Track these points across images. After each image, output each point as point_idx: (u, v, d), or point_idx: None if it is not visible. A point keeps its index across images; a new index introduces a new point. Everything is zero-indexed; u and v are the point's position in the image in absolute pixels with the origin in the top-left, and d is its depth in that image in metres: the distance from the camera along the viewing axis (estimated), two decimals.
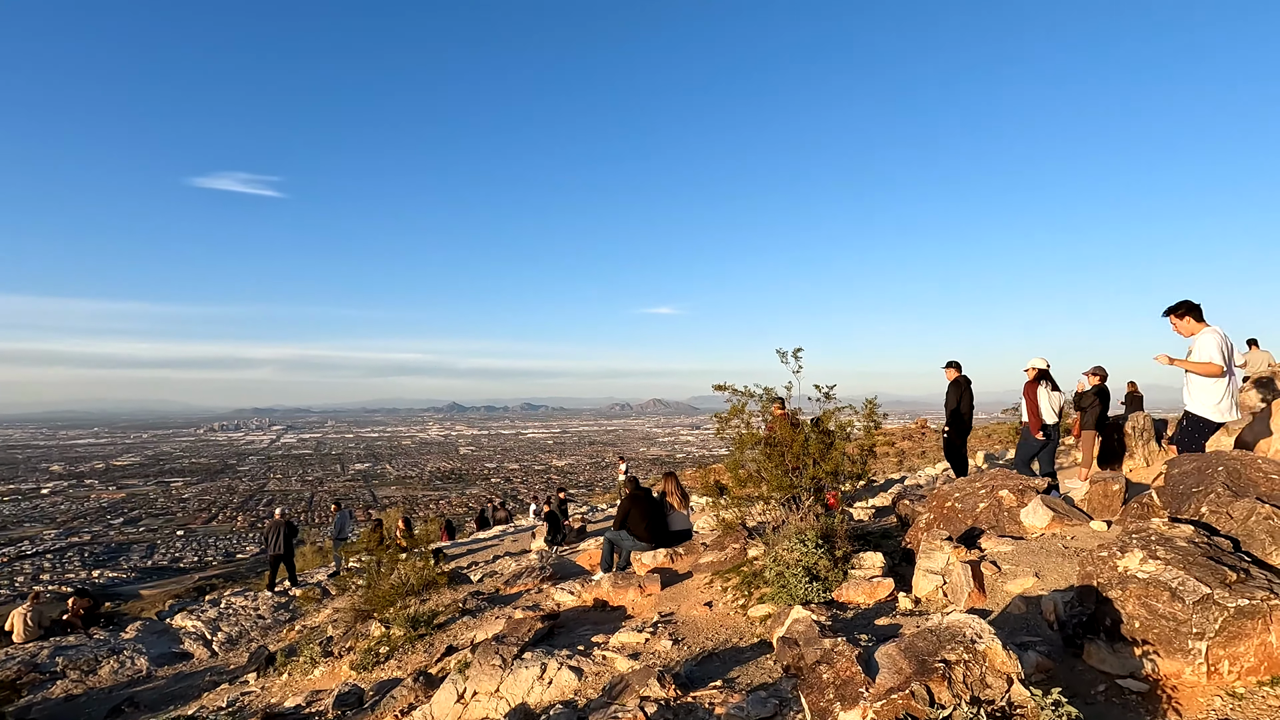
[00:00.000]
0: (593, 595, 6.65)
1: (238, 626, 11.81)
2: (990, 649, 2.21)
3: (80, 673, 10.10)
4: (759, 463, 6.08)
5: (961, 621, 2.39)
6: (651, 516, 7.37)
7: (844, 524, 5.45)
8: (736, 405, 6.23)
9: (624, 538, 7.40)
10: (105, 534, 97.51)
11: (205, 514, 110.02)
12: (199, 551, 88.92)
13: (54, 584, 74.22)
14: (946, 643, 2.26)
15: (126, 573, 79.76)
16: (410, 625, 6.60)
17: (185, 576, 74.70)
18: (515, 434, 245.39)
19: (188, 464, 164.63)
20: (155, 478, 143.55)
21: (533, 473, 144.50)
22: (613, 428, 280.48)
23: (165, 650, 10.96)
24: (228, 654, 10.93)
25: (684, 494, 7.75)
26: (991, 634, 2.29)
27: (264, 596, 12.92)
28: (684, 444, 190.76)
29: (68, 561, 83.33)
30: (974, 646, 2.22)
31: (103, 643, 10.98)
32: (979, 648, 2.21)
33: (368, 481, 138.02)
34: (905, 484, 10.13)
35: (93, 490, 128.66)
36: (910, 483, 10.28)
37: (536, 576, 8.03)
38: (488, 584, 8.69)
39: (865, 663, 2.41)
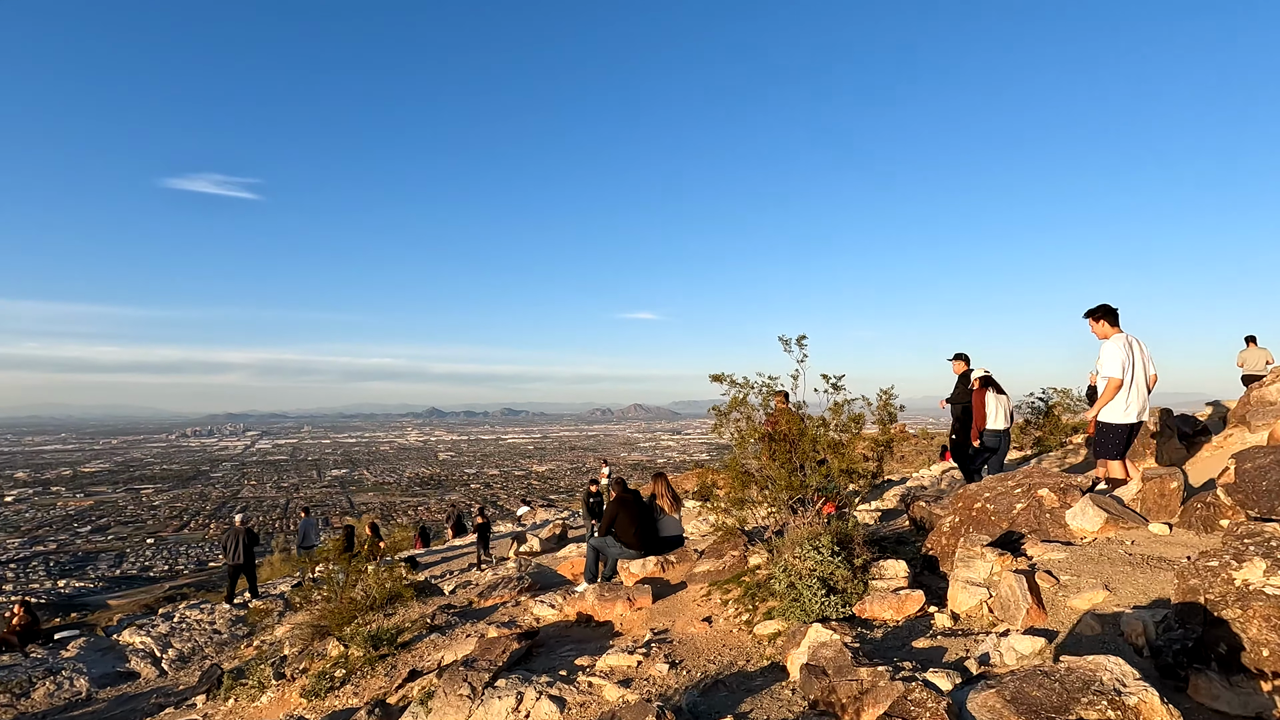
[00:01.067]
0: (576, 609, 5.99)
1: (191, 642, 10.94)
2: (1145, 702, 1.61)
3: (11, 696, 9.19)
4: (762, 461, 5.47)
5: (1094, 664, 1.79)
6: (641, 521, 6.73)
7: (859, 528, 4.85)
8: (736, 397, 5.62)
9: (610, 544, 6.75)
10: (72, 543, 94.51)
11: (177, 521, 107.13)
12: (170, 560, 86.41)
13: (17, 594, 71.60)
14: (1077, 691, 1.66)
15: (94, 582, 77.21)
16: (371, 644, 5.88)
17: (155, 585, 72.45)
18: (495, 439, 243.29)
19: (159, 470, 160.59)
20: (125, 485, 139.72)
21: (513, 478, 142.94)
22: (593, 433, 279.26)
23: (109, 670, 10.07)
24: (178, 673, 10.07)
25: (675, 497, 7.12)
26: (1137, 679, 1.68)
27: (221, 609, 12.05)
28: (665, 449, 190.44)
29: (32, 571, 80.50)
30: (1121, 699, 1.62)
31: (39, 662, 10.06)
32: (1127, 699, 1.61)
33: (345, 488, 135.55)
34: (908, 485, 9.58)
35: (59, 498, 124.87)
36: (913, 484, 9.75)
37: (514, 588, 7.34)
38: (461, 595, 7.97)
39: (957, 717, 1.80)
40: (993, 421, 7.59)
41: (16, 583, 76.47)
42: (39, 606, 57.36)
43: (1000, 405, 7.66)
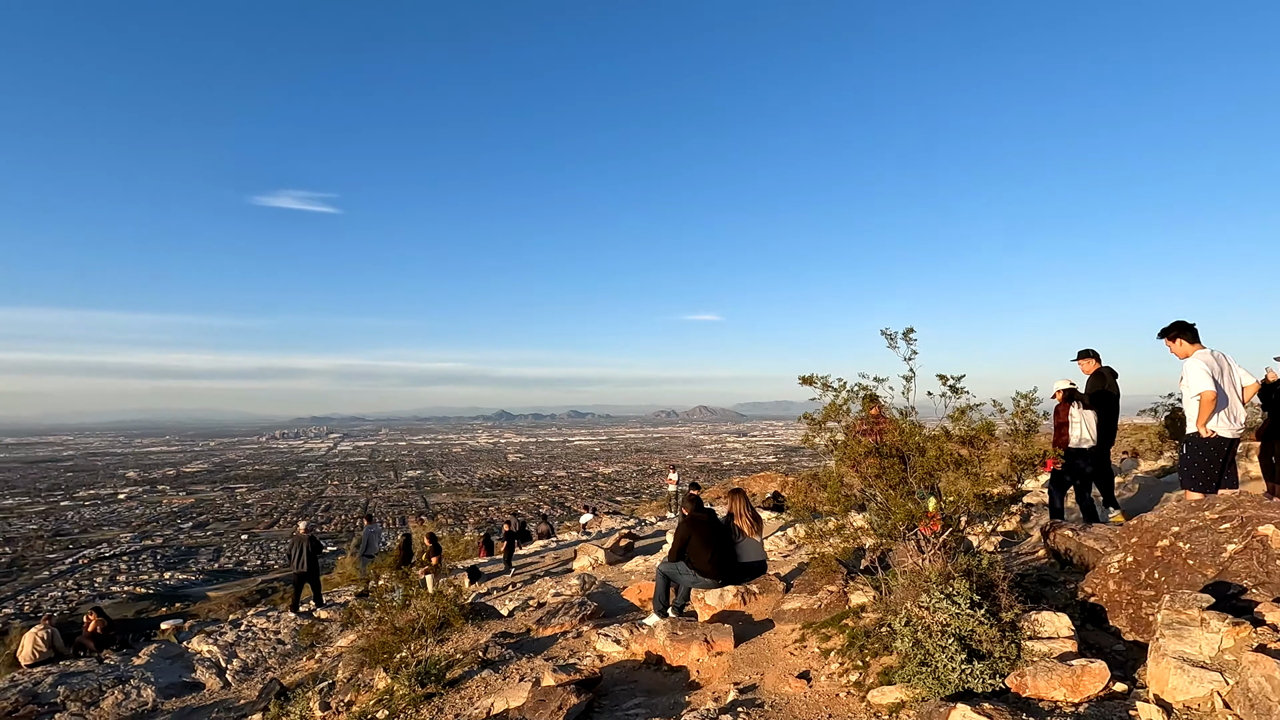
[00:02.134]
0: (644, 647, 5.19)
1: (255, 653, 10.78)
2: None
3: (81, 705, 9.16)
4: (867, 479, 4.52)
5: None
6: (717, 545, 5.87)
7: (998, 566, 3.84)
8: (834, 404, 4.68)
9: (682, 571, 5.92)
10: (176, 538, 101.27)
11: (267, 519, 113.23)
12: (261, 555, 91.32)
13: (130, 585, 77.06)
14: None
15: (195, 575, 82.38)
16: (417, 681, 5.25)
17: (249, 579, 76.62)
18: (562, 441, 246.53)
19: (251, 471, 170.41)
20: (221, 484, 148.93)
21: (580, 480, 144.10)
22: (659, 435, 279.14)
23: (175, 679, 9.98)
24: (241, 685, 9.88)
25: (756, 516, 6.21)
26: None
27: (287, 618, 11.90)
28: (731, 451, 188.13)
29: (142, 564, 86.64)
30: None
31: (111, 669, 10.07)
32: None
33: (420, 488, 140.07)
34: (1025, 503, 8.32)
35: (164, 496, 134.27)
36: (1029, 500, 8.48)
37: (575, 615, 6.61)
38: (519, 620, 7.31)
39: None
40: (1077, 440, 6.59)
41: (128, 574, 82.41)
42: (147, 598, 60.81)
43: (1087, 422, 6.64)
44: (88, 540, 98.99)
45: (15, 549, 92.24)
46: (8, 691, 9.30)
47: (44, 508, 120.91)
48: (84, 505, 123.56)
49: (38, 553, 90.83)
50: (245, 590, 59.85)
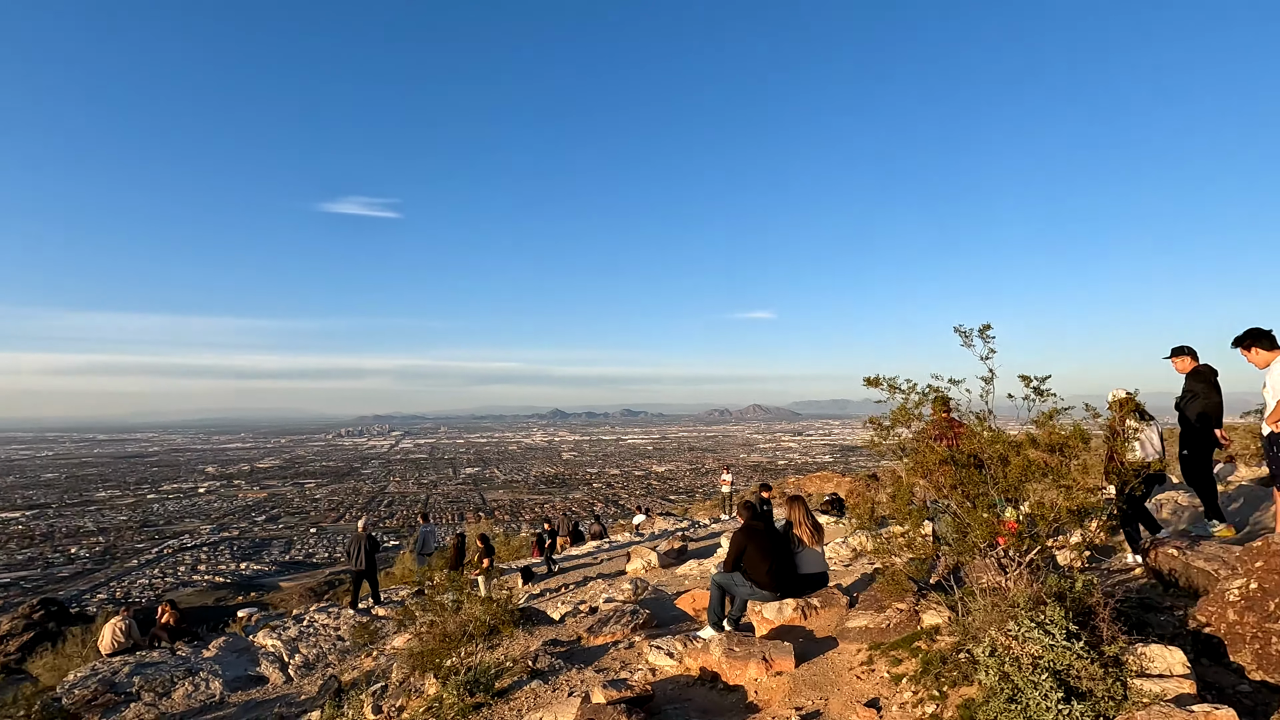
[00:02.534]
0: (699, 662, 4.94)
1: (316, 648, 11.00)
2: None
3: (154, 695, 9.52)
4: (943, 492, 4.14)
5: None
6: (775, 556, 5.55)
7: (1094, 588, 3.43)
8: (904, 407, 4.32)
9: (738, 583, 5.63)
10: (251, 530, 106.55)
11: (334, 513, 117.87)
12: (329, 548, 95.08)
13: (209, 574, 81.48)
14: None
15: (268, 566, 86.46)
16: (467, 690, 5.15)
17: (317, 571, 79.88)
18: (615, 440, 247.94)
19: (318, 467, 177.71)
20: (291, 479, 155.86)
21: (633, 478, 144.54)
22: (712, 434, 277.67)
23: (241, 673, 10.27)
24: (302, 680, 10.09)
25: (816, 525, 5.87)
26: None
27: (346, 615, 12.13)
28: (786, 450, 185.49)
29: (220, 554, 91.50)
30: None
31: (182, 661, 10.45)
32: None
33: (477, 485, 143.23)
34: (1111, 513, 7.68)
35: (240, 490, 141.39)
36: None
37: (627, 624, 6.41)
38: (570, 626, 7.16)
39: None
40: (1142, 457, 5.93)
41: (208, 564, 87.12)
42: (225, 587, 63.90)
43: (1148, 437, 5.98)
44: (171, 531, 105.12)
45: (108, 538, 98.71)
46: (89, 679, 9.75)
47: (133, 500, 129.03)
48: (168, 498, 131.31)
49: (127, 542, 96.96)
50: (314, 581, 62.41)
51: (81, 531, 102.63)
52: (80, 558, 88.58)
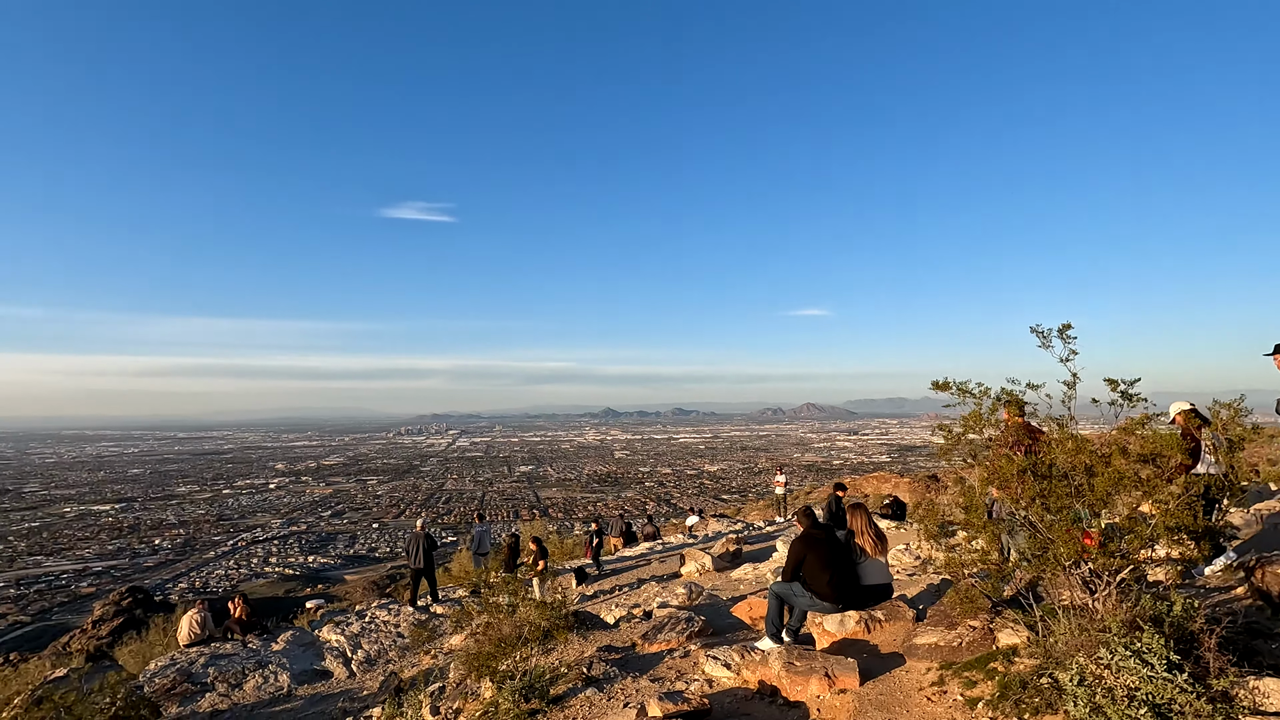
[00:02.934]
0: (757, 675, 4.79)
1: (378, 644, 11.28)
2: None
3: (227, 686, 9.92)
4: (1019, 505, 3.87)
5: None
6: (836, 566, 5.34)
7: (1196, 612, 3.13)
8: (975, 413, 4.06)
9: (797, 593, 5.44)
10: (317, 524, 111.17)
11: (395, 509, 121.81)
12: (390, 543, 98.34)
13: (280, 566, 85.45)
14: None
15: (334, 559, 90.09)
16: (522, 695, 5.13)
17: (380, 565, 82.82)
18: (667, 439, 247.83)
19: (380, 464, 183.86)
20: (355, 476, 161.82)
21: (685, 477, 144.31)
22: (765, 433, 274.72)
23: (308, 666, 10.61)
24: (364, 675, 10.36)
25: (879, 534, 5.62)
26: None
27: (406, 612, 12.40)
28: (841, 450, 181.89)
29: (289, 548, 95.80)
30: None
31: (253, 653, 10.87)
32: None
33: (531, 483, 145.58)
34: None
35: (307, 486, 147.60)
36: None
37: (683, 631, 6.29)
38: (624, 632, 7.09)
39: None
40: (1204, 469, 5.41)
41: (279, 556, 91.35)
42: (294, 579, 66.62)
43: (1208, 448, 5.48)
44: (245, 525, 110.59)
45: (188, 531, 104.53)
46: (168, 669, 10.24)
47: (209, 495, 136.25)
48: (242, 493, 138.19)
49: (205, 535, 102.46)
50: (376, 575, 64.69)
51: (164, 524, 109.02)
52: (163, 549, 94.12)
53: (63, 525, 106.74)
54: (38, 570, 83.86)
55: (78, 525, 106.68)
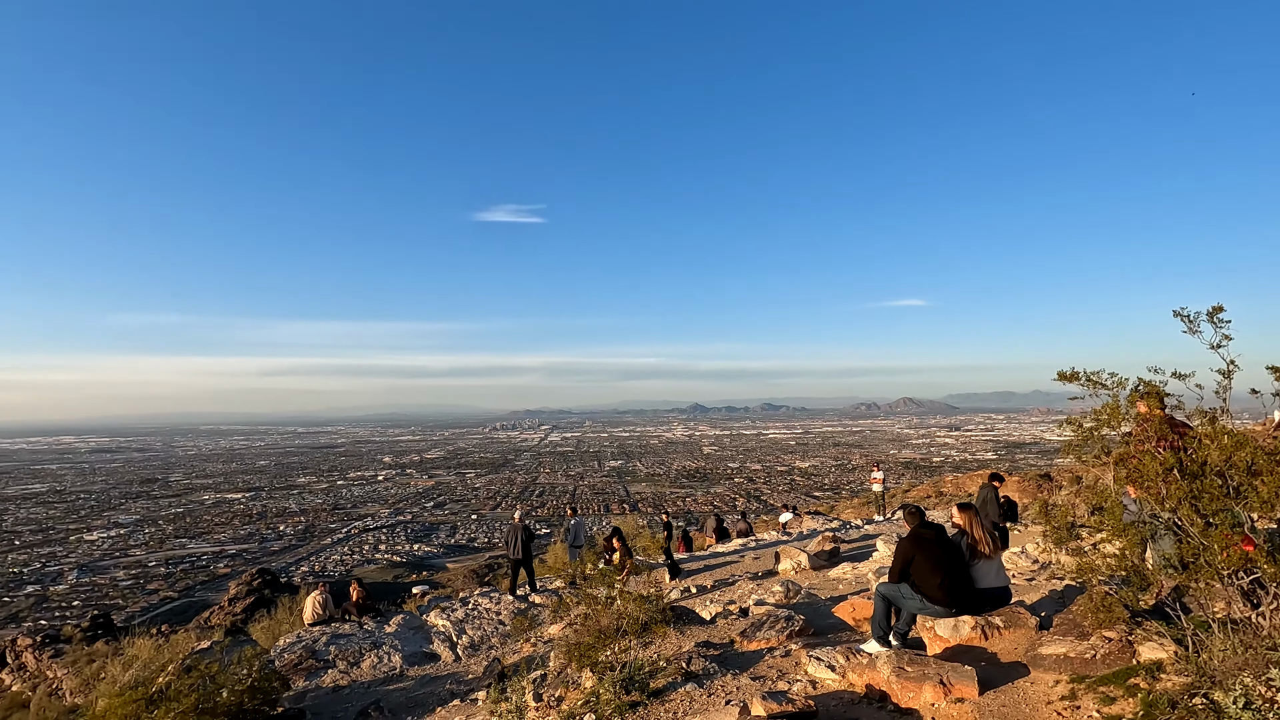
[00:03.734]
0: (864, 679, 4.61)
1: (480, 630, 11.75)
2: None
3: (346, 664, 10.63)
4: (1166, 504, 3.51)
5: None
6: (948, 568, 5.05)
7: None
8: (1111, 406, 3.72)
9: (906, 595, 5.19)
10: (421, 515, 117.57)
11: (492, 501, 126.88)
12: (488, 533, 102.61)
13: (388, 554, 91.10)
14: None
15: (437, 548, 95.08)
16: (622, 687, 5.17)
17: (478, 554, 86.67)
18: (756, 434, 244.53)
19: (477, 458, 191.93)
20: (454, 469, 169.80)
21: (775, 474, 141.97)
22: (858, 429, 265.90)
23: (417, 649, 11.20)
24: (469, 660, 10.82)
25: (995, 534, 5.27)
26: None
27: (506, 601, 12.84)
28: (942, 447, 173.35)
29: (396, 536, 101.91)
30: None
31: (369, 634, 11.58)
32: None
33: (621, 478, 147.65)
34: None
35: (411, 478, 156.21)
36: None
37: (783, 630, 6.16)
38: (721, 628, 7.03)
39: None
40: None
41: (387, 544, 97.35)
42: (401, 565, 70.80)
43: None
44: (357, 514, 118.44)
45: (307, 519, 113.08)
46: (294, 645, 11.10)
47: (325, 485, 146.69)
48: (354, 484, 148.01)
49: (322, 522, 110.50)
50: (476, 564, 67.69)
51: (287, 512, 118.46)
52: (286, 534, 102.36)
53: (202, 511, 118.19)
54: (182, 551, 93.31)
55: (214, 511, 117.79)
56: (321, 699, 9.67)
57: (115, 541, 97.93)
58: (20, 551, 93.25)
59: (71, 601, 73.04)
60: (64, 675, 22.58)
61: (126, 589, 77.41)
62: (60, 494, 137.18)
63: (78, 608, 67.55)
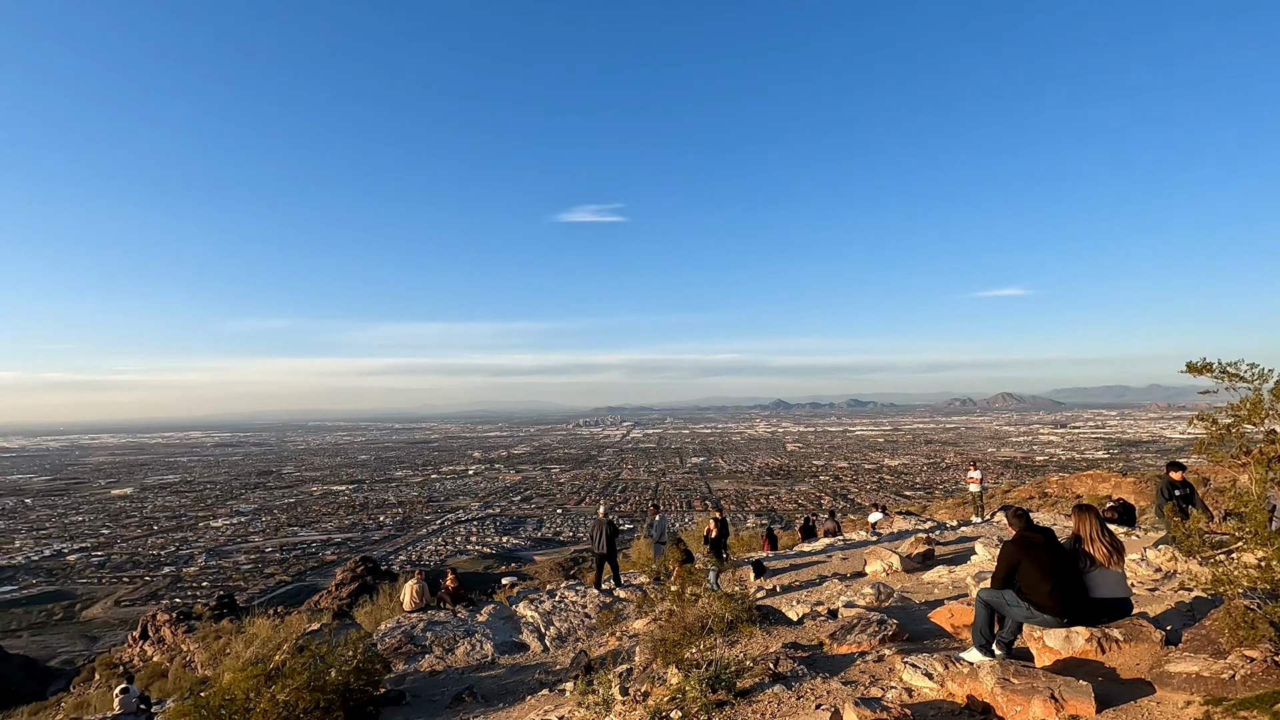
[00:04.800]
0: (965, 689, 4.36)
1: (567, 623, 11.99)
2: None
3: (442, 650, 11.11)
4: None
5: None
6: (1059, 575, 4.70)
7: None
8: (1252, 401, 3.35)
9: (1011, 602, 4.87)
10: (509, 508, 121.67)
11: (576, 496, 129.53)
12: (573, 528, 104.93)
13: (479, 545, 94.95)
14: None
15: (524, 541, 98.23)
16: (709, 685, 5.13)
17: (564, 548, 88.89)
18: (842, 431, 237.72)
19: (561, 454, 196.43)
20: (540, 464, 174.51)
21: (863, 472, 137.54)
22: (952, 425, 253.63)
23: (507, 639, 11.56)
24: (556, 651, 11.07)
25: (1114, 541, 4.86)
26: None
27: (591, 594, 13.05)
28: (1045, 445, 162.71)
29: (486, 529, 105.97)
30: None
31: (462, 622, 12.06)
32: None
33: (703, 474, 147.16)
34: None
35: (499, 473, 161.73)
36: None
37: (874, 634, 5.93)
38: (809, 629, 6.85)
39: None
40: None
41: (478, 536, 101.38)
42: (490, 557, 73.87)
43: None
44: (449, 506, 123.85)
45: (404, 510, 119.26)
46: (394, 630, 11.70)
47: (420, 479, 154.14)
48: (446, 478, 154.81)
49: (418, 514, 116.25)
50: (561, 557, 69.49)
51: (386, 504, 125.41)
52: (385, 525, 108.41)
53: (311, 501, 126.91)
54: (294, 539, 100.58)
55: (322, 502, 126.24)
56: (419, 682, 10.14)
57: (237, 528, 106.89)
58: (158, 536, 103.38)
59: (200, 582, 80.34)
60: (195, 649, 24.82)
61: (247, 572, 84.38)
62: (190, 484, 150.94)
63: (205, 588, 74.25)
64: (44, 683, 34.04)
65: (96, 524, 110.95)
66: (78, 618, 69.91)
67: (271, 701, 7.12)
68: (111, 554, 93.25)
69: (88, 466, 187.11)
